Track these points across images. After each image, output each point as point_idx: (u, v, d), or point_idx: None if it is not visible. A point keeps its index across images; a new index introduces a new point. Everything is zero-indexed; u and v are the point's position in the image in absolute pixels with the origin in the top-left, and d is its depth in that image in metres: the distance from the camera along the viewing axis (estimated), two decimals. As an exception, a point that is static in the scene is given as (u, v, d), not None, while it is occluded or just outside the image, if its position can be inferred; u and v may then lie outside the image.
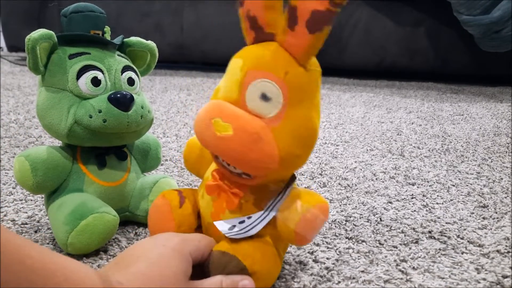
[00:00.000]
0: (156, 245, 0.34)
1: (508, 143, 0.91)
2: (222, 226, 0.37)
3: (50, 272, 0.26)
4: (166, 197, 0.41)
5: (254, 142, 0.33)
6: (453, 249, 0.47)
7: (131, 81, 0.49)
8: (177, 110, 1.18)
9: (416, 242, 0.49)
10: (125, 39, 0.51)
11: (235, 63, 0.36)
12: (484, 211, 0.57)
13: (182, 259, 0.34)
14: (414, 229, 0.52)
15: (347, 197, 0.62)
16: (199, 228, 0.42)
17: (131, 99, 0.46)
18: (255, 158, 0.33)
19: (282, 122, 0.34)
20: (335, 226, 0.52)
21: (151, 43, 0.53)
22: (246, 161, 0.34)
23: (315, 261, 0.44)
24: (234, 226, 0.37)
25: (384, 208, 0.58)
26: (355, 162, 0.78)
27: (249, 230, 0.36)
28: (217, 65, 2.13)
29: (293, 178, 0.39)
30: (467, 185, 0.67)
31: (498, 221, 0.54)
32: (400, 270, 0.43)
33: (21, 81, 1.54)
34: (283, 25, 0.34)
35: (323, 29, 0.32)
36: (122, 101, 0.45)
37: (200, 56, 1.90)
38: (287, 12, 0.33)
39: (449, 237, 0.50)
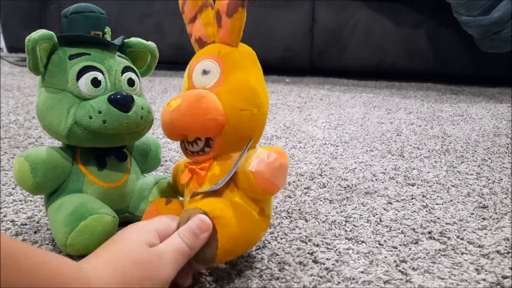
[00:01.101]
0: (125, 228, 0.37)
1: (508, 144, 0.91)
2: (192, 195, 0.41)
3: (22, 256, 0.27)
4: (154, 201, 0.46)
5: (198, 101, 0.39)
6: (453, 249, 0.47)
7: (131, 82, 0.49)
8: (177, 110, 1.18)
9: (416, 243, 0.49)
10: (125, 40, 0.51)
11: (187, 67, 0.44)
12: (484, 212, 0.57)
13: (142, 231, 0.36)
14: (414, 229, 0.52)
15: (347, 197, 0.62)
16: None
17: (131, 100, 0.46)
18: (202, 113, 0.39)
19: (222, 86, 0.40)
20: (335, 227, 0.52)
21: (151, 44, 0.53)
22: (196, 119, 0.39)
23: (315, 261, 0.44)
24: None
25: (384, 209, 0.58)
26: (355, 162, 0.78)
27: (214, 187, 0.40)
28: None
29: (249, 141, 0.42)
30: (466, 186, 0.67)
31: (498, 221, 0.54)
32: (400, 271, 0.43)
33: (21, 82, 1.54)
34: (217, 28, 0.42)
35: (238, 11, 0.40)
36: (122, 102, 0.45)
37: (200, 57, 1.90)
38: (215, 18, 0.42)
39: (449, 238, 0.50)
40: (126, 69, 0.49)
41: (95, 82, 0.46)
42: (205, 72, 0.41)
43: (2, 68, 1.87)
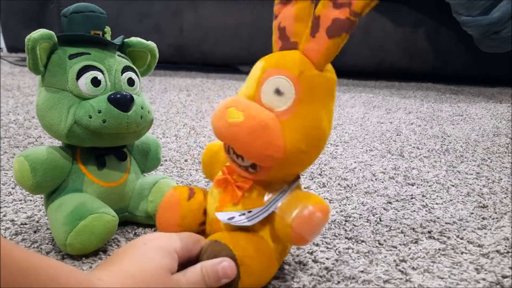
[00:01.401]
0: (141, 243, 0.35)
1: (508, 144, 0.91)
2: (222, 216, 0.38)
3: (34, 272, 0.26)
4: (177, 190, 0.43)
5: (262, 129, 0.35)
6: (452, 249, 0.47)
7: (131, 82, 0.49)
8: (177, 110, 1.18)
9: (416, 242, 0.49)
10: (125, 40, 0.51)
11: (258, 65, 0.38)
12: (483, 211, 0.57)
13: (165, 254, 0.34)
14: (413, 229, 0.52)
15: (347, 197, 0.62)
16: (203, 225, 0.43)
17: (131, 99, 0.46)
18: (261, 145, 0.35)
19: (291, 117, 0.36)
20: (335, 226, 0.52)
21: (151, 44, 0.53)
22: (253, 148, 0.35)
23: (315, 261, 0.45)
24: (234, 217, 0.38)
25: (384, 208, 0.58)
26: (355, 162, 0.78)
27: (247, 221, 0.37)
28: (217, 66, 2.13)
29: (297, 178, 0.40)
30: (466, 186, 0.67)
31: (497, 221, 0.54)
32: (399, 270, 0.43)
33: (20, 81, 1.54)
34: (307, 33, 0.36)
35: (341, 35, 0.35)
36: (122, 102, 0.45)
37: (199, 56, 1.90)
38: (311, 21, 0.36)
39: (448, 237, 0.50)
40: (126, 68, 0.49)
41: (95, 82, 0.46)
42: (278, 92, 0.36)
43: (2, 68, 1.87)
